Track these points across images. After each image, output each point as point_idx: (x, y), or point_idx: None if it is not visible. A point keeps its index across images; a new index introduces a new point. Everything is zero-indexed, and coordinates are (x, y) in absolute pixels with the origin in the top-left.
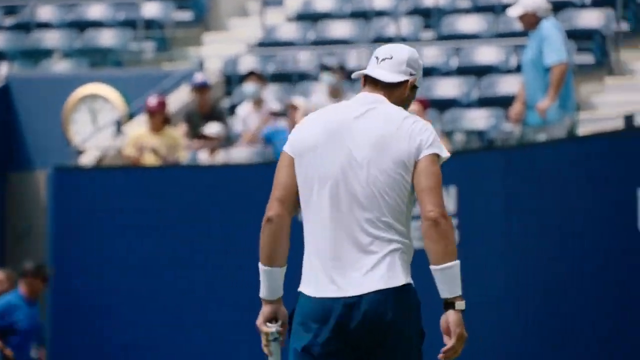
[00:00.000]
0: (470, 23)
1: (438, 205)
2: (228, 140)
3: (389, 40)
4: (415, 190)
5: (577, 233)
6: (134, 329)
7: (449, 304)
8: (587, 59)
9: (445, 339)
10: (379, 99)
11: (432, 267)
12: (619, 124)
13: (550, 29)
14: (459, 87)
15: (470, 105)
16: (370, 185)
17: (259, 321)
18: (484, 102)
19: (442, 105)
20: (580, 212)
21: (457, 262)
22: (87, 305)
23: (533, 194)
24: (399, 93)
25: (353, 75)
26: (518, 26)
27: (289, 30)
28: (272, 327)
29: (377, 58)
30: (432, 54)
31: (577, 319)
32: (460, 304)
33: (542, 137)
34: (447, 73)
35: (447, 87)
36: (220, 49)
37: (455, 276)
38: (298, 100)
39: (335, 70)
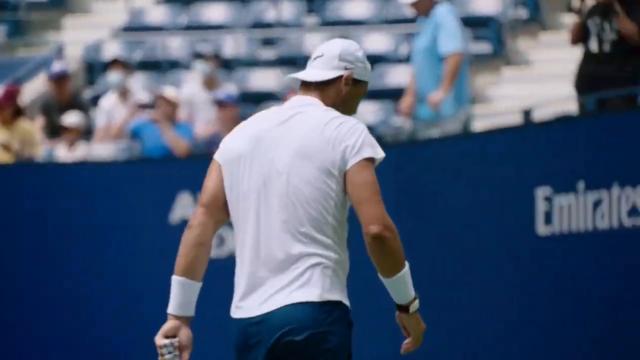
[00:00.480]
0: (357, 8)
1: (378, 218)
2: (89, 133)
3: (269, 25)
4: (352, 203)
5: (471, 233)
6: None
7: (403, 308)
8: (483, 48)
9: (405, 333)
10: (308, 102)
11: (380, 277)
12: (516, 119)
13: (446, 15)
14: None
15: None
16: (290, 196)
17: (157, 336)
18: (372, 94)
19: None
20: (475, 212)
21: (406, 268)
22: None
23: (425, 193)
24: (334, 91)
25: (286, 80)
26: (409, 12)
27: (158, 14)
28: (167, 340)
29: (312, 58)
30: (316, 42)
31: (466, 319)
32: (414, 306)
33: (434, 132)
34: None
35: None
36: (82, 34)
37: (405, 282)
38: (168, 91)
39: (209, 58)
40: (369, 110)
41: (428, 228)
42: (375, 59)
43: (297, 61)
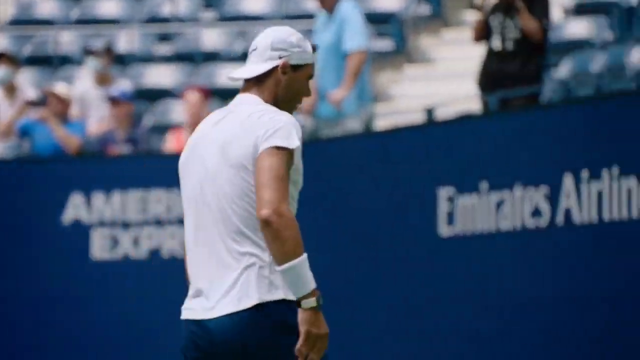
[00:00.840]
0: (256, 3)
1: (269, 202)
2: None
3: (164, 20)
4: None
5: (373, 233)
6: None
7: (298, 303)
8: (385, 45)
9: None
10: (242, 101)
11: (275, 268)
12: (419, 118)
13: (351, 11)
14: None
15: None
16: (219, 198)
17: None
18: None
19: (226, 94)
20: (377, 212)
21: (299, 259)
22: None
23: (326, 193)
24: (272, 82)
25: (229, 79)
26: (309, 7)
27: (48, 7)
28: None
29: (249, 52)
30: (214, 37)
31: (367, 322)
32: (307, 302)
33: (336, 130)
34: (232, 58)
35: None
36: None
37: (298, 275)
38: (59, 88)
39: (101, 53)
40: None
41: (330, 230)
42: None
43: (194, 57)
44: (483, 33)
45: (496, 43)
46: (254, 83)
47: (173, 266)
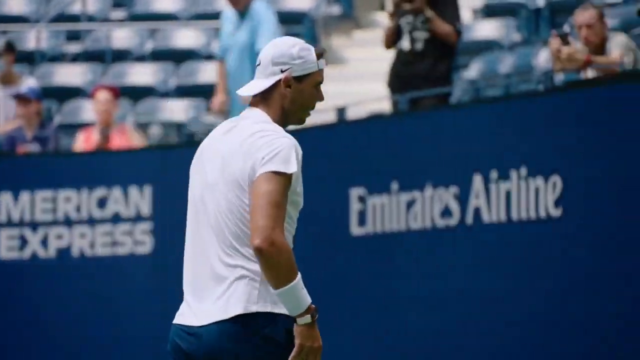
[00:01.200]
0: (166, 2)
1: (262, 230)
2: None
3: (74, 19)
4: None
5: None
6: None
7: (294, 320)
8: None
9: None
10: (247, 115)
11: (270, 290)
12: (330, 118)
13: (265, 11)
14: (154, 75)
15: (167, 94)
16: (216, 210)
17: None
18: (183, 91)
19: (136, 94)
20: None
21: (293, 283)
22: None
23: None
24: (278, 96)
25: (239, 94)
26: (219, 6)
27: None
28: None
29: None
30: (124, 37)
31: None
32: (303, 319)
33: None
34: (141, 58)
35: (142, 74)
36: None
37: (293, 297)
38: None
39: (3, 52)
40: (178, 107)
41: None
42: (185, 55)
43: (104, 56)
44: (394, 38)
45: (406, 44)
46: (260, 98)
47: (82, 266)
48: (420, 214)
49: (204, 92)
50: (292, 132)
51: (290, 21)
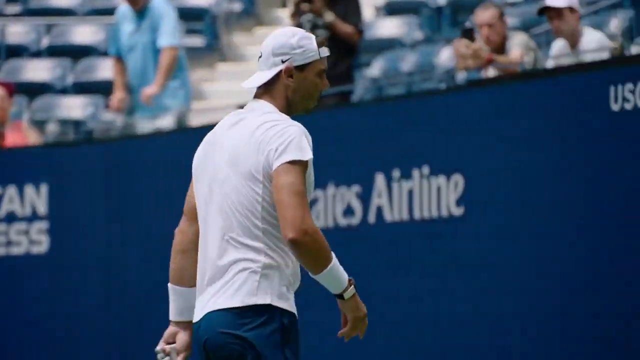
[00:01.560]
0: None
1: (293, 222)
2: None
3: None
4: None
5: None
6: None
7: (338, 296)
8: (197, 42)
9: (343, 320)
10: (253, 107)
11: (312, 276)
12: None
13: (165, 7)
14: (51, 71)
15: (64, 91)
16: (224, 203)
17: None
18: (81, 87)
19: (32, 90)
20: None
21: (331, 265)
22: None
23: (140, 190)
24: (281, 87)
25: (243, 87)
26: (116, 2)
27: None
28: (159, 346)
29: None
30: (19, 31)
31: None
32: (347, 293)
33: (149, 128)
34: (37, 54)
35: (38, 70)
36: None
37: (333, 276)
38: None
39: None
40: (77, 104)
41: (145, 224)
42: (82, 51)
43: None
44: None
45: None
46: (264, 90)
47: None
48: (322, 213)
49: (102, 89)
50: (194, 130)
51: (191, 18)
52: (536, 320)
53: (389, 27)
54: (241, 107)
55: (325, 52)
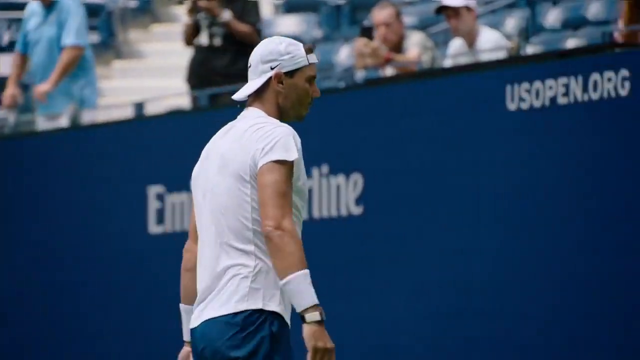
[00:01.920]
0: None
1: (271, 219)
2: None
3: None
4: None
5: (82, 232)
6: None
7: (302, 318)
8: (93, 38)
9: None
10: (245, 114)
11: (278, 283)
12: (127, 113)
13: (73, 5)
14: None
15: None
16: (216, 209)
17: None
18: None
19: None
20: (86, 210)
21: (299, 273)
22: None
23: (34, 190)
24: (272, 94)
25: (234, 99)
26: None
27: None
28: None
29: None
30: None
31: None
32: (311, 316)
33: (44, 125)
34: None
35: None
36: None
37: (298, 290)
38: None
39: None
40: None
41: (48, 224)
42: None
43: None
44: (194, 34)
45: (204, 39)
46: (255, 98)
47: None
48: None
49: None
50: (87, 128)
51: (86, 14)
52: (431, 321)
53: (288, 25)
54: (138, 104)
55: (313, 58)
